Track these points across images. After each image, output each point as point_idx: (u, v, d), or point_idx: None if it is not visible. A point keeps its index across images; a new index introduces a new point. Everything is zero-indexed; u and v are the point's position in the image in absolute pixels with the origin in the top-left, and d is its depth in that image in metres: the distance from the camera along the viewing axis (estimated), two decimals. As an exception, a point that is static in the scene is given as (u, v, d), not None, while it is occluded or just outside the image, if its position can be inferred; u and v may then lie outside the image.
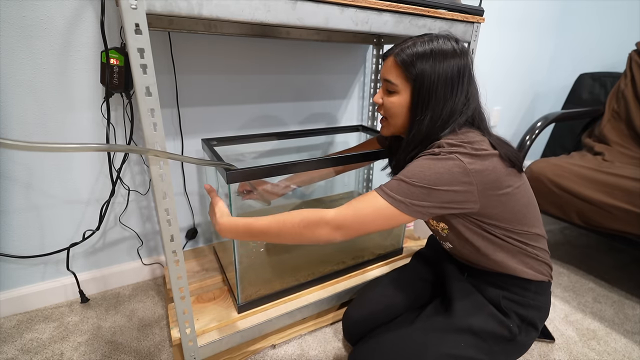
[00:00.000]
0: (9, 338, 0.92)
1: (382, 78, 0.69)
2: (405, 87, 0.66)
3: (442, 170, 0.59)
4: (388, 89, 0.68)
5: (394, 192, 0.60)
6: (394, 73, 0.66)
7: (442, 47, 0.63)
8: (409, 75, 0.64)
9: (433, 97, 0.63)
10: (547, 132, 1.80)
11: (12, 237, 0.96)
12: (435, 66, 0.62)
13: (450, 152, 0.60)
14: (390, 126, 0.72)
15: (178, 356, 0.83)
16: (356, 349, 0.77)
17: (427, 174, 0.59)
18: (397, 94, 0.67)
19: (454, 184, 0.59)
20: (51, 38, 0.85)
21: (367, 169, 1.42)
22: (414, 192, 0.59)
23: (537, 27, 1.84)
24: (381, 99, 0.70)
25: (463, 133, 0.65)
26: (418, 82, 0.64)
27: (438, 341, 0.70)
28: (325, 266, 1.03)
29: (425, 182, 0.59)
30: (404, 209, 0.60)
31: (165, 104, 1.03)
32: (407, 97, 0.66)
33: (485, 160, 0.60)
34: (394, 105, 0.68)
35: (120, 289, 1.13)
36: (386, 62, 0.68)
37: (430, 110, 0.64)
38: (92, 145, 0.52)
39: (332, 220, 0.60)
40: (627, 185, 1.06)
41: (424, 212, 0.60)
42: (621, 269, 1.34)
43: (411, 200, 0.59)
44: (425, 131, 0.65)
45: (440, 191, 0.59)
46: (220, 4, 0.57)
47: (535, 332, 0.74)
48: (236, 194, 0.84)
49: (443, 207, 0.61)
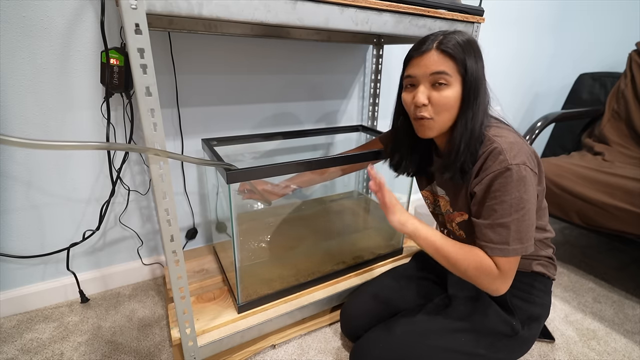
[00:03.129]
0: (9, 338, 0.92)
1: (425, 74, 0.62)
2: (457, 78, 0.62)
3: (527, 190, 0.60)
4: (438, 82, 0.62)
5: (513, 244, 0.61)
6: (445, 64, 0.61)
7: (470, 38, 0.63)
8: (460, 65, 0.61)
9: (481, 86, 0.62)
10: (547, 132, 1.80)
11: (12, 237, 0.96)
12: (475, 57, 0.62)
13: (517, 164, 0.59)
14: (436, 124, 0.65)
15: (178, 356, 0.83)
16: (356, 345, 0.78)
17: (524, 203, 0.60)
18: (449, 86, 0.61)
19: (535, 191, 0.62)
20: (51, 38, 0.85)
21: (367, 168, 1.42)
22: (528, 225, 0.61)
23: (537, 27, 1.84)
24: (427, 99, 0.63)
25: (496, 127, 0.66)
26: (469, 72, 0.61)
27: (438, 337, 0.71)
28: (326, 266, 1.03)
29: (519, 216, 0.60)
30: (528, 244, 0.62)
31: (165, 104, 1.03)
32: (459, 90, 0.62)
33: (538, 157, 0.66)
34: (449, 100, 0.62)
35: (120, 289, 1.13)
36: (427, 57, 0.62)
37: (481, 103, 0.63)
38: (93, 144, 0.52)
39: (499, 283, 0.64)
40: (627, 185, 1.06)
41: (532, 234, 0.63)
42: (621, 269, 1.33)
43: (523, 236, 0.61)
44: (474, 121, 0.63)
45: (532, 206, 0.62)
46: (220, 4, 0.57)
47: (537, 328, 0.75)
48: (237, 193, 0.84)
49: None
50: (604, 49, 1.76)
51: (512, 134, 0.64)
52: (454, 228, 0.77)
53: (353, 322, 0.86)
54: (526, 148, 0.63)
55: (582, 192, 1.12)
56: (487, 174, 0.62)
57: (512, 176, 0.59)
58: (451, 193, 0.75)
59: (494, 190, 0.61)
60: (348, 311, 0.88)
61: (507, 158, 0.59)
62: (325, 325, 1.00)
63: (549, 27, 1.89)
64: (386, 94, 1.44)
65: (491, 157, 0.61)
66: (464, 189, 0.69)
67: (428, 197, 0.84)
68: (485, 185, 0.62)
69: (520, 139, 0.64)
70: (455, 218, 0.75)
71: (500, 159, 0.60)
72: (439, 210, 0.81)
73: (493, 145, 0.61)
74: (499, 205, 0.60)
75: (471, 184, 0.66)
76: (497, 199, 0.61)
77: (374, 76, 1.33)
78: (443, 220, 0.81)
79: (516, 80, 1.93)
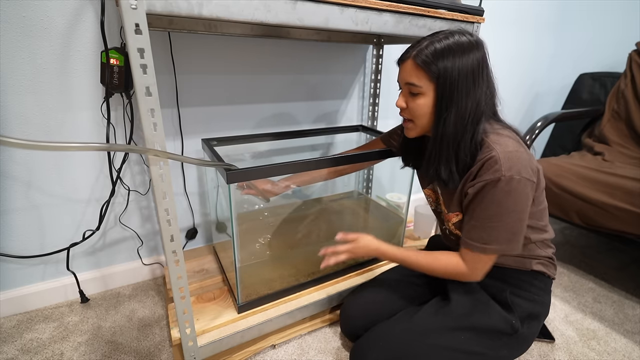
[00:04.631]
0: (9, 338, 0.92)
1: (402, 82, 0.68)
2: (429, 87, 0.64)
3: (516, 201, 0.63)
4: (412, 92, 0.66)
5: (491, 244, 0.66)
6: (416, 75, 0.65)
7: (459, 41, 0.63)
8: (432, 75, 0.63)
9: (455, 91, 0.63)
10: (547, 132, 1.80)
11: (12, 237, 0.96)
12: (455, 62, 0.62)
13: (511, 175, 0.61)
14: (416, 127, 0.70)
15: (178, 356, 0.83)
16: (356, 344, 0.78)
17: (508, 213, 0.64)
18: (422, 95, 0.66)
19: (528, 200, 0.65)
20: (51, 38, 0.85)
21: (368, 169, 1.42)
22: (508, 230, 0.65)
23: (537, 27, 1.84)
24: (405, 103, 0.69)
25: (497, 133, 0.67)
26: (441, 80, 0.63)
27: (437, 335, 0.71)
28: (325, 266, 1.03)
29: (504, 223, 0.64)
30: (506, 247, 0.66)
31: (165, 104, 1.03)
32: (432, 97, 0.65)
33: (537, 165, 0.67)
34: (421, 107, 0.66)
35: (120, 289, 1.13)
36: (404, 66, 0.67)
37: (454, 106, 0.64)
38: (93, 145, 0.52)
39: (468, 277, 0.71)
40: (627, 185, 1.06)
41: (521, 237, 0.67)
42: (621, 269, 1.34)
43: (502, 242, 0.66)
44: (448, 129, 0.65)
45: (519, 215, 0.65)
46: (220, 4, 0.57)
47: (537, 327, 0.75)
48: (236, 188, 0.84)
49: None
50: (604, 49, 1.76)
51: (512, 141, 0.65)
52: (451, 227, 0.77)
53: (353, 321, 0.86)
54: (524, 156, 0.63)
55: (582, 192, 1.12)
56: (480, 180, 0.64)
57: (503, 187, 0.62)
58: (445, 194, 0.77)
59: (483, 196, 0.64)
60: (347, 311, 0.88)
61: (502, 169, 0.61)
62: (325, 325, 1.00)
63: (549, 27, 1.89)
64: (386, 94, 1.44)
65: (487, 165, 0.63)
66: (458, 191, 0.70)
67: (430, 195, 0.85)
68: (476, 189, 0.65)
69: (520, 147, 0.64)
70: (451, 218, 0.76)
71: (495, 169, 0.62)
72: (440, 209, 0.82)
73: (491, 154, 0.63)
74: (485, 209, 0.65)
75: (466, 186, 0.67)
76: (484, 204, 0.64)
77: (374, 76, 1.33)
78: (443, 218, 0.82)
79: (516, 80, 1.93)
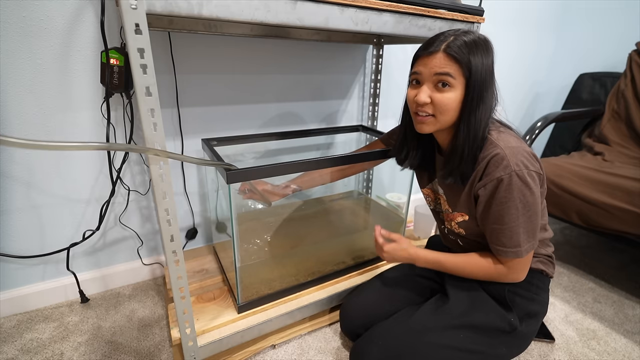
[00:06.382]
0: (9, 338, 0.92)
1: (430, 75, 0.64)
2: (460, 81, 0.63)
3: (532, 193, 0.63)
4: (443, 83, 0.63)
5: (523, 245, 0.66)
6: (450, 67, 0.62)
7: (480, 39, 0.63)
8: (464, 68, 0.61)
9: (483, 88, 0.63)
10: (547, 132, 1.80)
11: (12, 237, 0.96)
12: (482, 59, 0.62)
13: (521, 169, 0.62)
14: (437, 122, 0.66)
15: (178, 356, 0.83)
16: (356, 344, 0.79)
17: (529, 208, 0.64)
18: (451, 88, 0.63)
19: (538, 192, 0.64)
20: (51, 38, 0.85)
21: (368, 170, 1.42)
22: (533, 225, 0.65)
23: (537, 27, 1.84)
24: (429, 98, 0.65)
25: (498, 130, 0.67)
26: (473, 75, 0.61)
27: (437, 334, 0.71)
28: (325, 266, 1.03)
29: (527, 218, 0.64)
30: (535, 241, 0.67)
31: (165, 104, 1.03)
32: (461, 92, 0.63)
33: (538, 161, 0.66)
34: (450, 101, 0.63)
35: (120, 289, 1.13)
36: (433, 58, 0.63)
37: (483, 102, 0.63)
38: (93, 144, 0.52)
39: (513, 280, 0.72)
40: (627, 185, 1.06)
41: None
42: (621, 269, 1.33)
43: (531, 235, 0.66)
44: (476, 126, 0.64)
45: (537, 207, 0.65)
46: (220, 4, 0.57)
47: (535, 325, 0.76)
48: (237, 193, 0.84)
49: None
50: (604, 49, 1.76)
51: (514, 137, 0.65)
52: (454, 226, 0.77)
53: (352, 321, 0.86)
54: (528, 151, 0.64)
55: (582, 192, 1.12)
56: (490, 179, 0.63)
57: (516, 182, 0.61)
58: (450, 194, 0.76)
59: (499, 196, 0.63)
60: (347, 310, 0.88)
61: (510, 164, 0.61)
62: (325, 325, 1.00)
63: (550, 27, 1.89)
64: (386, 94, 1.44)
65: (494, 162, 0.63)
66: (465, 191, 0.70)
67: (429, 194, 0.85)
68: (490, 190, 0.64)
69: (522, 143, 0.65)
70: (455, 218, 0.76)
71: (504, 165, 0.61)
72: (440, 208, 0.82)
73: (496, 150, 0.63)
74: (506, 210, 0.63)
75: (474, 187, 0.67)
76: (504, 204, 0.63)
77: (374, 76, 1.33)
78: (443, 218, 0.82)
79: (516, 80, 1.93)
